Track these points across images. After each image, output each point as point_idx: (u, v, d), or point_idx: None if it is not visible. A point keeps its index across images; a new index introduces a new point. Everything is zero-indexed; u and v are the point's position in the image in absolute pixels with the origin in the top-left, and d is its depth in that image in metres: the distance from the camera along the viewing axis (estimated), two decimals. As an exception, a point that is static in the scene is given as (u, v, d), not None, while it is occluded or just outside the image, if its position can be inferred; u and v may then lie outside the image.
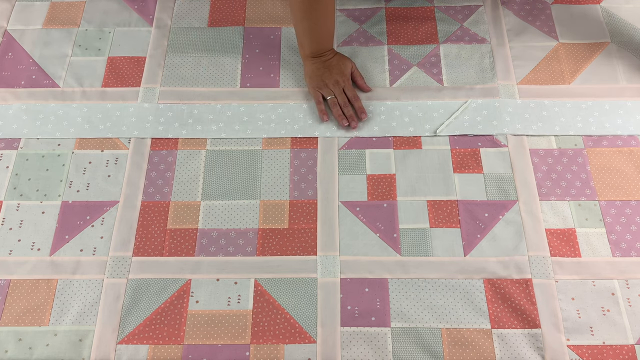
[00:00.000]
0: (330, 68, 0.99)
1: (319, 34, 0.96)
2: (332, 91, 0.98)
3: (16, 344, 0.81)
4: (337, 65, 1.00)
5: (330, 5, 0.92)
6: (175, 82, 1.03)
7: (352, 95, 0.99)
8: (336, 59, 1.00)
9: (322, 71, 0.99)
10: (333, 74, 0.99)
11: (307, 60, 1.00)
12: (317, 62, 0.99)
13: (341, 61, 1.00)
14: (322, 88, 0.98)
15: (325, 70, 0.99)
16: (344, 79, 0.99)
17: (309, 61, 1.00)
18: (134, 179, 0.93)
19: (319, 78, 0.99)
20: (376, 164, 0.94)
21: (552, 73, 1.03)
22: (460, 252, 0.87)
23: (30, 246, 0.88)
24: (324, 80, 0.98)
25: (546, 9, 1.11)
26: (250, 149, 0.96)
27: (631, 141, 0.95)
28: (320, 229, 0.89)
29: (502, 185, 0.92)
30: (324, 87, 0.98)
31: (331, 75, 0.98)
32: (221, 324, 0.82)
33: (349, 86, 0.99)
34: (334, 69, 0.99)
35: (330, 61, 1.00)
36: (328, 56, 1.00)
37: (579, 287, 0.84)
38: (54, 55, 1.06)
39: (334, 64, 0.99)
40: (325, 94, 0.98)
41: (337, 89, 0.98)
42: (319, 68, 0.99)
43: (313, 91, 0.99)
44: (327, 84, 0.98)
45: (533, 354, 0.79)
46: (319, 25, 0.94)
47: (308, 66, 1.00)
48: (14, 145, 0.97)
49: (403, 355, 0.80)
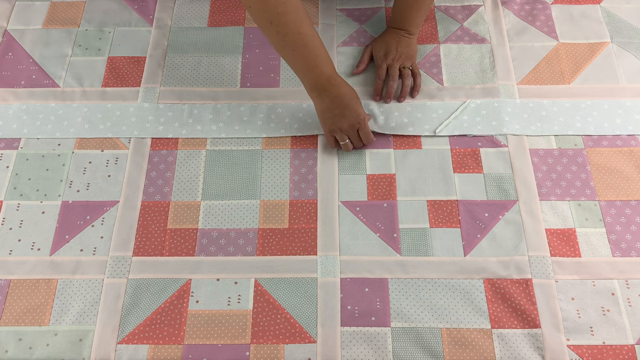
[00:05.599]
0: (343, 109, 0.88)
1: (305, 66, 0.85)
2: (346, 136, 0.91)
3: (16, 344, 0.81)
4: (351, 106, 0.89)
5: (303, 28, 0.82)
6: (175, 82, 1.03)
7: (368, 141, 0.93)
8: (348, 97, 0.88)
9: (333, 112, 0.89)
10: (347, 116, 0.89)
11: (313, 98, 0.90)
12: (324, 99, 0.88)
13: (353, 98, 0.89)
14: (335, 132, 0.91)
15: (337, 111, 0.89)
16: (360, 121, 0.90)
17: (315, 98, 0.90)
18: (134, 178, 0.93)
19: (331, 121, 0.90)
20: (376, 163, 0.94)
21: (552, 73, 1.03)
22: (460, 252, 0.87)
23: (30, 246, 0.88)
24: (337, 124, 0.90)
25: (546, 9, 1.11)
26: (250, 148, 0.96)
27: (631, 141, 0.95)
28: (320, 229, 0.89)
29: (502, 185, 0.92)
30: (337, 130, 0.90)
31: (344, 119, 0.89)
32: (221, 324, 0.82)
33: (363, 127, 0.91)
34: (347, 110, 0.88)
35: (340, 99, 0.88)
36: (333, 91, 0.87)
37: (579, 287, 0.84)
38: (54, 55, 1.06)
39: (346, 102, 0.88)
40: (339, 138, 0.91)
41: (352, 133, 0.91)
42: (330, 109, 0.89)
43: (326, 135, 0.93)
44: (341, 128, 0.90)
45: (533, 354, 0.79)
46: (303, 51, 0.84)
47: (317, 105, 0.90)
48: (14, 145, 0.97)
49: (403, 355, 0.80)
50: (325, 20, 1.10)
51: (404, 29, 1.01)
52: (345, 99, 0.88)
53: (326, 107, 0.89)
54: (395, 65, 1.00)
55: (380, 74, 1.00)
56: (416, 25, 1.01)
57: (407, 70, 1.00)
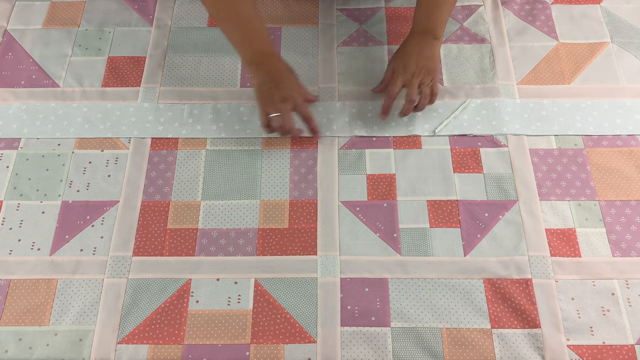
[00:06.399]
0: (277, 82, 0.89)
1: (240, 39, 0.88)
2: (278, 109, 0.88)
3: (16, 344, 0.81)
4: (285, 80, 0.89)
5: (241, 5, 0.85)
6: (175, 82, 1.03)
7: (305, 116, 0.92)
8: (282, 72, 0.90)
9: (268, 85, 0.89)
10: (280, 89, 0.88)
11: (250, 73, 0.91)
12: (259, 72, 0.89)
13: (288, 73, 0.91)
14: (268, 105, 0.89)
15: (272, 84, 0.89)
16: (293, 95, 0.89)
17: (251, 71, 0.91)
18: (134, 178, 0.93)
19: (264, 93, 0.89)
20: (376, 163, 0.94)
21: (552, 73, 1.03)
22: (460, 252, 0.87)
23: (30, 246, 0.88)
24: (270, 97, 0.88)
25: (546, 9, 1.11)
26: (250, 148, 0.96)
27: (631, 141, 0.95)
28: (320, 229, 0.89)
29: (502, 185, 0.92)
30: (269, 104, 0.89)
31: (277, 91, 0.88)
32: (221, 323, 0.82)
33: (300, 103, 0.90)
34: (281, 83, 0.89)
35: (274, 73, 0.89)
36: (268, 65, 0.89)
37: (578, 287, 0.84)
38: (54, 55, 1.06)
39: (280, 76, 0.89)
40: (270, 111, 0.89)
41: (284, 107, 0.88)
42: (265, 82, 0.89)
43: (260, 112, 0.91)
44: (274, 101, 0.88)
45: (533, 354, 0.79)
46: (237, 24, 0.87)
47: (254, 80, 0.91)
48: (14, 145, 0.97)
49: (403, 355, 0.80)
50: (325, 20, 1.10)
51: (428, 32, 0.92)
52: (279, 74, 0.90)
53: (261, 80, 0.90)
54: (414, 83, 0.90)
55: (392, 92, 0.92)
56: (441, 25, 0.93)
57: (426, 89, 0.91)
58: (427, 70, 0.91)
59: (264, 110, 0.90)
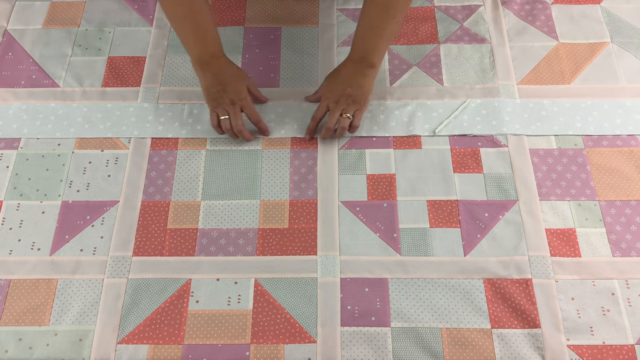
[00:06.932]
0: (225, 85, 0.90)
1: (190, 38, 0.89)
2: (227, 112, 0.90)
3: (16, 344, 0.81)
4: (233, 83, 0.91)
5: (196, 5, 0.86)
6: (175, 82, 1.03)
7: (253, 117, 0.93)
8: (230, 75, 0.92)
9: (216, 88, 0.90)
10: (228, 92, 0.90)
11: (197, 73, 0.93)
12: (207, 74, 0.91)
13: (236, 76, 0.92)
14: (217, 107, 0.91)
15: (220, 87, 0.90)
16: (241, 98, 0.91)
17: (199, 72, 0.92)
18: (134, 178, 0.93)
19: (213, 96, 0.90)
20: (376, 163, 0.94)
21: (552, 73, 1.03)
22: (460, 252, 0.87)
23: (30, 246, 0.88)
24: (218, 100, 0.90)
25: (546, 9, 1.11)
26: (250, 148, 0.96)
27: (631, 141, 0.95)
28: (320, 229, 0.89)
29: (502, 185, 0.92)
30: (218, 106, 0.90)
31: (226, 94, 0.90)
32: (221, 323, 0.82)
33: (247, 105, 0.92)
34: (229, 87, 0.90)
35: (222, 76, 0.91)
36: (216, 67, 0.91)
37: (578, 287, 0.84)
38: (54, 55, 1.06)
39: (228, 79, 0.91)
40: (220, 114, 0.90)
41: (232, 110, 0.90)
42: (213, 84, 0.90)
43: (210, 113, 0.92)
44: (222, 103, 0.90)
45: (533, 354, 0.79)
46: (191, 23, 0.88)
47: (202, 81, 0.93)
48: (14, 145, 0.97)
49: (403, 355, 0.80)
50: (325, 20, 1.10)
51: (363, 60, 0.91)
52: (227, 77, 0.91)
53: (210, 82, 0.91)
54: (335, 112, 0.91)
55: (316, 115, 0.93)
56: (379, 53, 0.90)
57: (344, 121, 0.91)
58: (354, 99, 0.91)
59: (213, 112, 0.92)
